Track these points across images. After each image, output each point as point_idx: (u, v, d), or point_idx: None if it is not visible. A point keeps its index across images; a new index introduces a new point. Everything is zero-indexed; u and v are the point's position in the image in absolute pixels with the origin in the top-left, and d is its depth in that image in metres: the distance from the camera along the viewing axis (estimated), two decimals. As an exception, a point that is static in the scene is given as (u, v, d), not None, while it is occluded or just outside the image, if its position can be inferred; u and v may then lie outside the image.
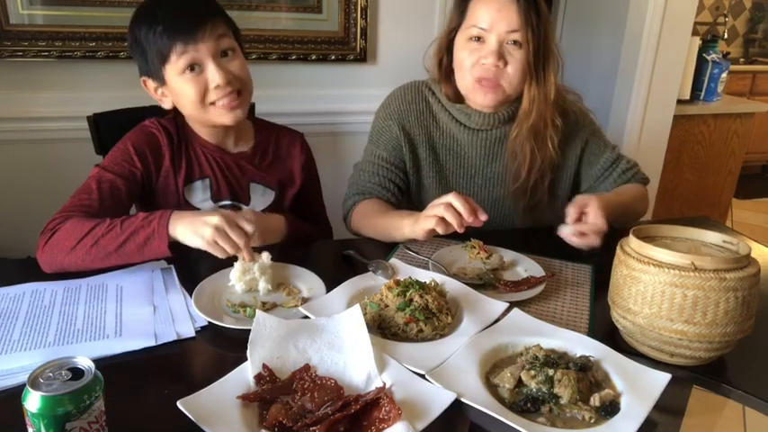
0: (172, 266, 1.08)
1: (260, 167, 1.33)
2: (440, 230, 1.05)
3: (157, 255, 1.02)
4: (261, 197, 1.32)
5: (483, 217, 1.02)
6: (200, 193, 1.26)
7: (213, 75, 1.14)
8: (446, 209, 1.03)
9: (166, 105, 1.23)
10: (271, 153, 1.36)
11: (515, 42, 1.22)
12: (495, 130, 1.34)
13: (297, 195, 1.38)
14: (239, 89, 1.19)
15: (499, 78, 1.24)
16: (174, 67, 1.14)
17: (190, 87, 1.15)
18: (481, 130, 1.34)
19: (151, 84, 1.21)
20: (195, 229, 0.97)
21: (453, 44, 1.30)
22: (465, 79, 1.28)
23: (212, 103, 1.17)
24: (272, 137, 1.37)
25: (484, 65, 1.23)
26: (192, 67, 1.14)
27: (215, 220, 0.96)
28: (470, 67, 1.26)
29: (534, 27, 1.21)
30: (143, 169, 1.21)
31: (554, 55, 1.28)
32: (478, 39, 1.24)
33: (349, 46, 2.15)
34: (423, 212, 1.09)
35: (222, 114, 1.18)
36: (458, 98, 1.35)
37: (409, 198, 1.42)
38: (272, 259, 1.04)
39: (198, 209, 1.26)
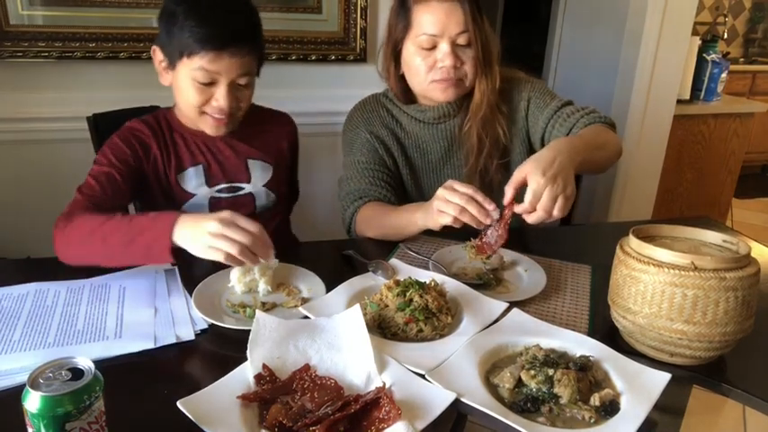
0: (176, 268, 1.08)
1: (253, 145, 1.35)
2: (456, 226, 1.05)
3: (162, 262, 1.03)
4: (261, 173, 1.35)
5: (491, 207, 1.01)
6: (193, 179, 1.28)
7: (220, 97, 1.17)
8: (461, 213, 1.02)
9: (164, 82, 1.23)
10: (260, 131, 1.38)
11: (466, 42, 1.24)
12: (452, 120, 1.37)
13: (288, 172, 1.44)
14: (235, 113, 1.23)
15: (458, 76, 1.28)
16: (189, 69, 1.14)
17: (194, 93, 1.17)
18: (439, 124, 1.37)
19: (160, 56, 1.20)
20: (194, 237, 0.93)
21: (400, 53, 1.32)
22: (422, 83, 1.30)
23: (205, 113, 1.21)
24: (258, 117, 1.39)
25: (442, 68, 1.26)
26: (207, 76, 1.15)
27: (211, 225, 0.91)
28: (427, 72, 1.28)
29: (479, 24, 1.24)
30: (132, 155, 1.22)
31: (496, 44, 1.30)
32: (431, 45, 1.25)
33: (349, 46, 2.15)
34: (434, 206, 1.06)
35: (210, 126, 1.24)
36: (408, 99, 1.39)
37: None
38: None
39: (194, 194, 1.28)
